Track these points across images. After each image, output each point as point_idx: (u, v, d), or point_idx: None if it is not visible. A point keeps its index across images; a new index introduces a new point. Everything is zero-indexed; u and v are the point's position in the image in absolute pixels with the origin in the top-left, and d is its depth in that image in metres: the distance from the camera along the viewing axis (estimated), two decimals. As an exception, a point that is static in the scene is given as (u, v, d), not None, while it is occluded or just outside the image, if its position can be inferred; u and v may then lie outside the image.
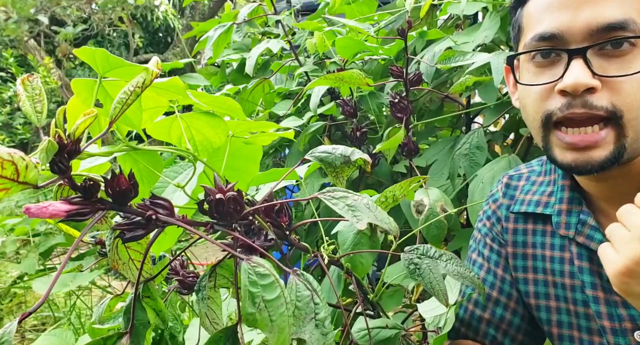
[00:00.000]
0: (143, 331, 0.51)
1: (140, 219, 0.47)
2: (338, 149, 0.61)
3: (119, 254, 0.53)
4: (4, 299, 2.26)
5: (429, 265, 0.63)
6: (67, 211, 0.43)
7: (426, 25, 1.27)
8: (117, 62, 0.48)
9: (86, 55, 0.48)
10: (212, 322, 0.55)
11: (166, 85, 0.51)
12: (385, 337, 0.71)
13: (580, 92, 0.57)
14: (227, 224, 0.52)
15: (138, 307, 0.52)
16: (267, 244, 0.54)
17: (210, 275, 0.56)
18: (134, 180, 0.47)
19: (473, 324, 0.76)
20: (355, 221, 0.53)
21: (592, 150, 0.59)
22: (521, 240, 0.74)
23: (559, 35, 0.59)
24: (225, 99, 0.57)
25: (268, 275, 0.45)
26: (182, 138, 0.57)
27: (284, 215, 0.60)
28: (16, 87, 0.45)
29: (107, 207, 0.46)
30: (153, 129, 0.58)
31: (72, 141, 0.43)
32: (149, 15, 5.85)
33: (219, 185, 0.51)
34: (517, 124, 1.32)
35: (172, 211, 0.49)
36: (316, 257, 0.65)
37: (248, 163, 0.65)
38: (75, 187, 0.45)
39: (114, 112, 0.45)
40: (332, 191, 0.56)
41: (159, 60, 0.48)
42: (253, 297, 0.44)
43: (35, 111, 0.44)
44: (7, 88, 4.86)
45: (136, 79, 0.45)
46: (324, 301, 0.50)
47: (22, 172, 0.38)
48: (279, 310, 0.45)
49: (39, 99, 0.44)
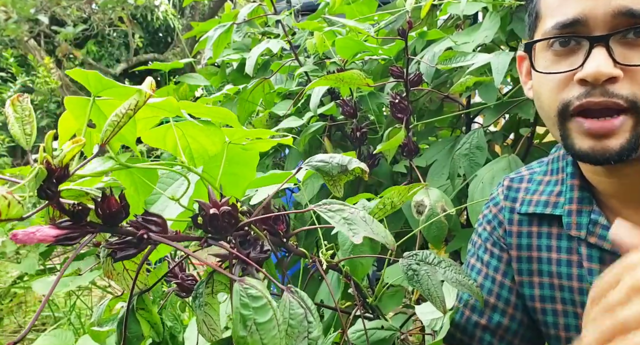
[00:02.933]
0: (136, 344, 0.51)
1: (131, 238, 0.47)
2: (335, 158, 0.61)
3: (113, 265, 0.53)
4: (4, 299, 2.26)
5: (427, 271, 0.63)
6: (55, 236, 0.42)
7: (426, 25, 1.27)
8: (110, 84, 0.48)
9: (79, 77, 0.47)
10: (210, 328, 0.55)
11: (161, 105, 0.51)
12: (381, 337, 0.71)
13: (602, 81, 0.56)
14: (222, 238, 0.51)
15: (132, 319, 0.52)
16: (262, 256, 0.53)
17: (208, 282, 0.55)
18: (125, 201, 0.47)
19: (469, 330, 0.75)
20: (352, 235, 0.52)
21: (609, 138, 0.57)
22: (526, 243, 0.72)
23: (582, 20, 0.57)
24: (220, 109, 0.56)
25: (260, 297, 0.45)
26: (177, 146, 0.57)
27: (281, 223, 0.59)
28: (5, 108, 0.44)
29: (97, 230, 0.46)
30: (148, 137, 0.58)
31: (60, 167, 0.42)
32: (149, 15, 5.84)
33: (213, 200, 0.51)
34: (517, 124, 1.32)
35: (165, 227, 0.49)
36: (314, 262, 0.64)
37: (245, 169, 0.64)
38: (64, 211, 0.44)
39: (104, 134, 0.45)
40: (329, 204, 0.56)
41: (153, 81, 0.47)
42: (244, 320, 0.44)
43: (25, 133, 0.43)
44: (7, 88, 4.85)
45: (128, 102, 0.45)
46: (318, 320, 0.49)
47: (4, 210, 0.37)
48: (270, 333, 0.44)
49: (28, 120, 0.43)
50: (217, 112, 0.57)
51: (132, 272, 0.54)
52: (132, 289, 0.52)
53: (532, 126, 1.16)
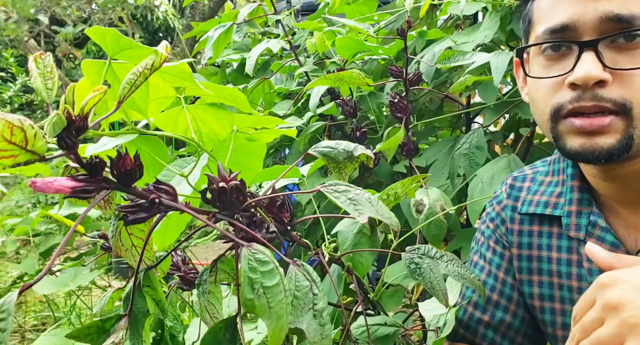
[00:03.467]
0: (142, 319, 0.51)
1: (144, 202, 0.48)
2: (341, 144, 0.62)
3: (121, 240, 0.53)
4: (4, 299, 2.25)
5: (430, 265, 0.63)
6: (72, 187, 0.43)
7: (426, 25, 1.27)
8: (127, 44, 0.49)
9: (97, 36, 0.48)
10: (213, 317, 0.55)
11: (174, 70, 0.51)
12: (384, 334, 0.71)
13: (591, 85, 0.57)
14: (230, 214, 0.52)
15: (138, 295, 0.52)
16: (269, 235, 0.54)
17: (212, 270, 0.56)
18: (139, 161, 0.48)
19: (472, 326, 0.76)
20: (357, 215, 0.53)
21: (599, 136, 0.58)
22: (526, 242, 0.73)
23: (571, 26, 0.59)
24: (231, 89, 0.57)
25: (268, 262, 0.45)
26: (188, 130, 0.58)
27: (285, 211, 0.60)
28: (28, 64, 0.45)
29: (112, 186, 0.46)
30: (159, 120, 0.59)
31: (80, 117, 0.43)
32: (149, 15, 5.85)
33: (222, 175, 0.51)
34: (517, 124, 1.32)
35: (175, 197, 0.49)
36: (317, 255, 0.65)
37: (252, 160, 0.65)
38: (82, 163, 0.45)
39: (122, 92, 0.45)
40: (335, 185, 0.57)
41: (168, 45, 0.48)
42: (252, 283, 0.44)
43: (46, 88, 0.44)
44: (7, 88, 4.85)
45: (145, 61, 0.46)
46: (323, 292, 0.50)
47: (31, 140, 0.38)
48: (277, 297, 0.45)
49: (50, 76, 0.45)
50: (228, 93, 0.57)
51: (140, 249, 0.54)
52: (139, 264, 0.52)
53: (532, 126, 1.17)
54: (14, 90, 4.76)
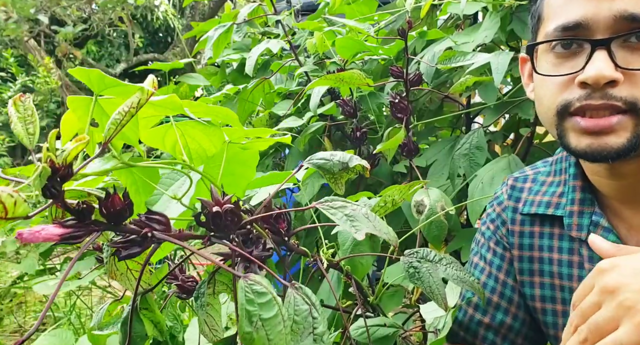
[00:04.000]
0: (140, 343, 0.51)
1: (135, 237, 0.47)
2: (336, 156, 0.61)
3: (116, 265, 0.53)
4: (4, 299, 2.26)
5: (429, 269, 0.63)
6: (60, 235, 0.42)
7: (426, 25, 1.27)
8: (112, 82, 0.48)
9: (82, 75, 0.47)
10: (212, 329, 0.55)
11: (163, 103, 0.51)
12: (384, 335, 0.71)
13: (602, 84, 0.56)
14: (225, 236, 0.51)
15: (135, 319, 0.52)
16: (265, 253, 0.53)
17: (209, 282, 0.56)
18: (129, 199, 0.47)
19: (472, 328, 0.75)
20: (354, 231, 0.52)
21: (607, 135, 0.57)
22: (527, 243, 0.72)
23: (584, 24, 0.58)
24: (221, 109, 0.56)
25: (265, 293, 0.45)
26: (176, 146, 0.57)
27: (282, 221, 0.59)
28: (7, 108, 0.44)
29: (102, 228, 0.46)
30: (147, 137, 0.58)
31: (64, 165, 0.42)
32: (149, 15, 5.85)
33: (215, 198, 0.51)
34: (517, 124, 1.32)
35: (168, 226, 0.49)
36: (315, 260, 0.65)
37: (244, 168, 0.64)
38: (69, 210, 0.44)
39: (107, 133, 0.45)
40: (331, 201, 0.56)
41: (155, 79, 0.47)
42: (250, 316, 0.44)
43: (27, 133, 0.43)
44: (7, 88, 4.85)
45: (131, 100, 0.45)
46: (323, 316, 0.49)
47: (11, 209, 0.37)
48: (276, 328, 0.44)
49: (31, 120, 0.44)
50: (218, 112, 0.57)
51: (135, 272, 0.54)
52: (137, 288, 0.51)
53: (532, 126, 1.16)
54: (14, 90, 4.76)
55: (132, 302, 0.51)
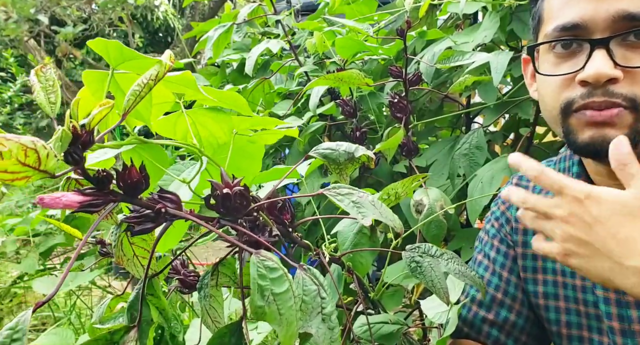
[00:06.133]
0: (146, 328, 0.51)
1: (149, 212, 0.48)
2: (342, 146, 0.62)
3: (123, 250, 0.53)
4: (4, 299, 2.25)
5: (431, 263, 0.63)
6: (80, 202, 0.43)
7: (426, 25, 1.27)
8: (130, 55, 0.48)
9: (99, 47, 0.48)
10: (214, 320, 0.55)
11: (178, 79, 0.51)
12: (388, 332, 0.71)
13: (602, 82, 0.57)
14: (234, 219, 0.52)
15: (143, 304, 0.52)
16: (272, 239, 0.54)
17: (213, 274, 0.56)
18: (145, 172, 0.47)
19: (476, 325, 0.76)
20: (361, 217, 0.53)
21: (608, 127, 0.58)
22: (531, 241, 0.73)
23: (582, 24, 0.59)
24: (231, 93, 0.57)
25: (277, 268, 0.45)
26: (187, 134, 0.58)
27: (286, 213, 0.60)
28: (30, 77, 0.45)
29: (119, 198, 0.46)
30: (158, 125, 0.59)
31: (86, 132, 0.43)
32: (149, 15, 5.85)
33: (225, 180, 0.51)
34: (517, 124, 1.32)
35: (180, 205, 0.49)
36: (317, 255, 0.65)
37: (250, 162, 0.65)
38: (89, 177, 0.45)
39: (127, 104, 0.45)
40: (337, 188, 0.57)
41: (172, 54, 0.48)
42: (262, 291, 0.44)
43: (49, 102, 0.44)
44: (7, 88, 4.85)
45: (149, 72, 0.46)
46: (330, 295, 0.50)
47: (44, 160, 0.38)
48: (287, 303, 0.45)
49: (53, 89, 0.45)
50: (228, 97, 0.57)
51: (142, 259, 0.54)
52: (147, 273, 0.52)
53: (532, 126, 1.17)
54: (14, 90, 4.75)
55: (143, 285, 0.52)
